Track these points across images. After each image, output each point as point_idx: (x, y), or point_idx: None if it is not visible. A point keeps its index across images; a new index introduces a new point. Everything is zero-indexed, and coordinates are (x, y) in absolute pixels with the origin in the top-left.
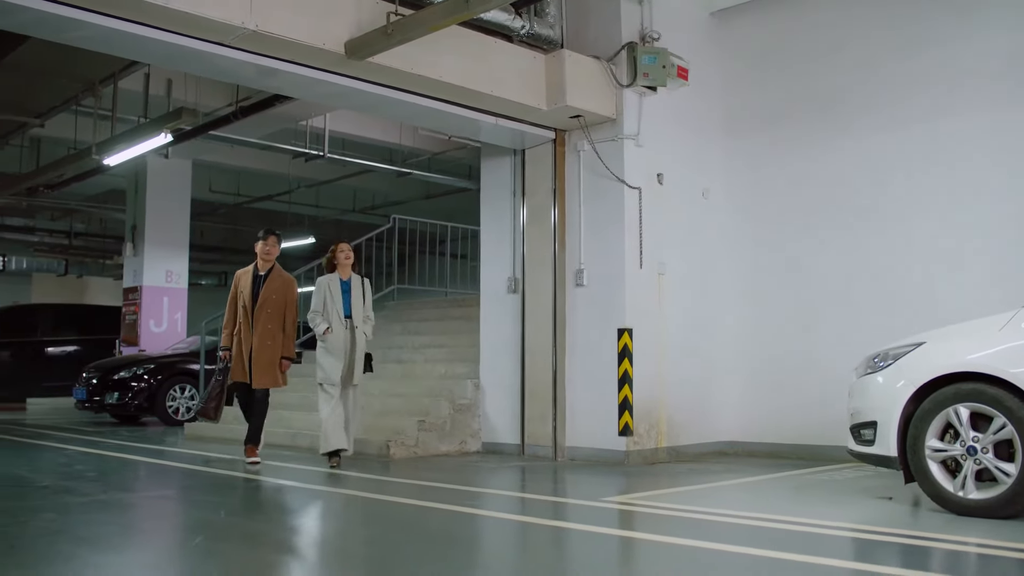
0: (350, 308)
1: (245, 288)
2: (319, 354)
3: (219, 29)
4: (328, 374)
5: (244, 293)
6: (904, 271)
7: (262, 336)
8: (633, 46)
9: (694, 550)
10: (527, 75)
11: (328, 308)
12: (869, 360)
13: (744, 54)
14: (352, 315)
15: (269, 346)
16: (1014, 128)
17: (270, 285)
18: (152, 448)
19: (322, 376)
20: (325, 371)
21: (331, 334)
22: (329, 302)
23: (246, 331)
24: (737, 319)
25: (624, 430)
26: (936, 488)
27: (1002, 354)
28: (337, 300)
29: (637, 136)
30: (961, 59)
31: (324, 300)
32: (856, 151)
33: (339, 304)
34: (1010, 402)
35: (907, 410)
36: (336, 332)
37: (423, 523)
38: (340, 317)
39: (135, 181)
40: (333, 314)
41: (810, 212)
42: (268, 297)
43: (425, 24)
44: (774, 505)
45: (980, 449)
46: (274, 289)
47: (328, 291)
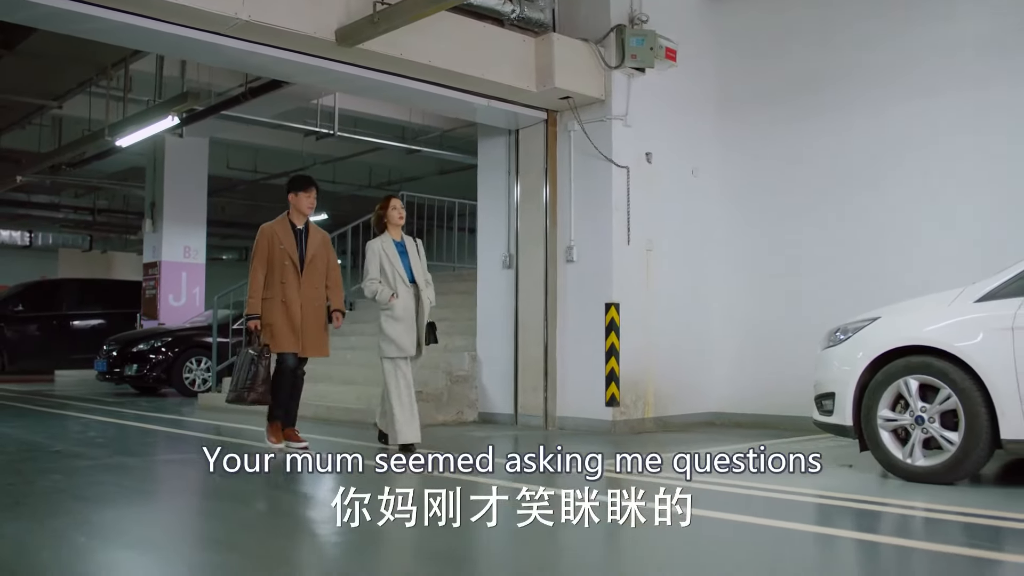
0: (411, 271)
1: (288, 243)
2: (385, 324)
3: (215, 20)
4: (402, 345)
5: (287, 250)
6: (889, 247)
7: (311, 299)
8: (622, 28)
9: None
10: (517, 58)
11: (388, 273)
12: (831, 334)
13: (735, 35)
14: (416, 278)
15: (318, 309)
16: (994, 108)
17: (313, 240)
18: (165, 417)
19: (394, 350)
20: (397, 343)
21: (397, 300)
22: (387, 266)
23: (292, 293)
24: (725, 294)
25: (611, 401)
26: (887, 456)
27: (949, 328)
28: (397, 263)
29: (625, 116)
30: (945, 41)
31: (381, 264)
32: (845, 131)
33: (400, 267)
34: (955, 374)
35: (862, 382)
36: (403, 297)
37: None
38: (405, 281)
39: (153, 159)
40: (395, 279)
41: (799, 191)
42: (316, 254)
43: (408, 13)
44: (742, 472)
45: (927, 419)
46: (317, 245)
47: (384, 254)
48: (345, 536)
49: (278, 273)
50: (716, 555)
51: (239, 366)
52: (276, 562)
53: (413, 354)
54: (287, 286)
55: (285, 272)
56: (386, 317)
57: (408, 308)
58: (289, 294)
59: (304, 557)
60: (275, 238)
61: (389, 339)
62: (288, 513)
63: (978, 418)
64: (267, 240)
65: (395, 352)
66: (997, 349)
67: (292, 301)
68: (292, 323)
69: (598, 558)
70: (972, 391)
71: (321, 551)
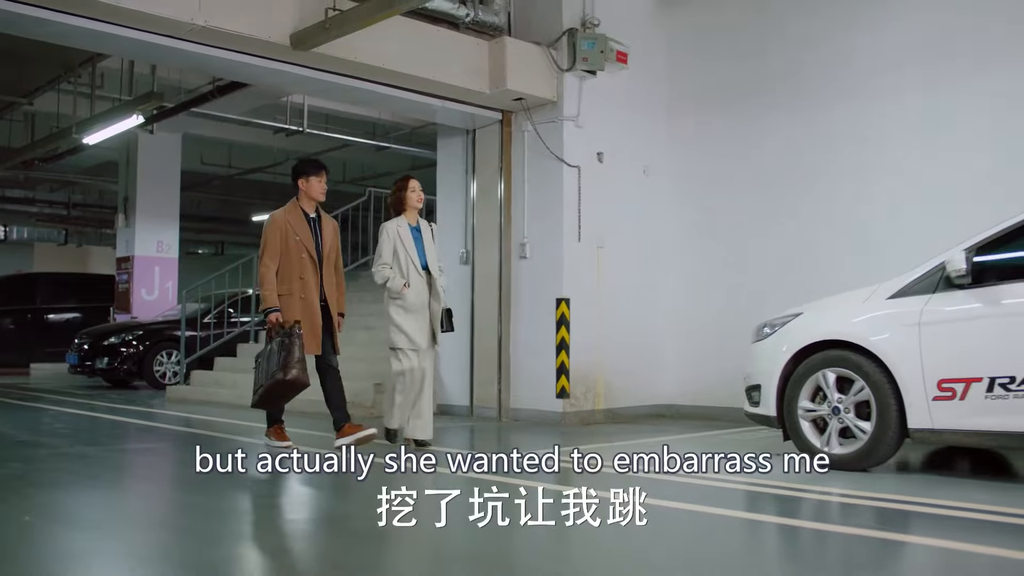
0: (426, 258)
1: (303, 234)
2: (395, 315)
3: (171, 24)
4: (413, 338)
5: (303, 242)
6: (831, 244)
7: (333, 294)
8: (574, 32)
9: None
10: (471, 60)
11: (401, 259)
12: (758, 329)
13: (687, 37)
14: (429, 266)
15: (338, 303)
16: (936, 108)
17: (327, 230)
18: (133, 409)
19: (403, 341)
20: (407, 335)
21: (409, 290)
22: (401, 251)
23: (312, 289)
24: (675, 289)
25: (561, 393)
26: (807, 444)
27: (863, 324)
28: (411, 248)
29: (577, 117)
30: (887, 45)
31: (395, 249)
32: (791, 130)
33: (414, 253)
34: (868, 367)
35: (785, 374)
36: (415, 287)
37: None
38: (417, 268)
39: (127, 155)
40: (408, 266)
41: (746, 188)
42: (332, 244)
43: (358, 20)
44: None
45: (843, 409)
46: (331, 234)
47: (399, 238)
48: (297, 526)
49: (296, 268)
50: (649, 541)
51: (263, 360)
52: (216, 540)
53: (424, 347)
54: (307, 283)
55: (304, 267)
56: (396, 307)
57: (421, 297)
58: (309, 291)
59: (247, 536)
60: (289, 229)
61: (399, 330)
62: (238, 498)
63: (888, 408)
64: (280, 231)
65: (404, 344)
66: (905, 343)
67: (312, 299)
68: (313, 325)
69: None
70: (883, 383)
71: (271, 533)
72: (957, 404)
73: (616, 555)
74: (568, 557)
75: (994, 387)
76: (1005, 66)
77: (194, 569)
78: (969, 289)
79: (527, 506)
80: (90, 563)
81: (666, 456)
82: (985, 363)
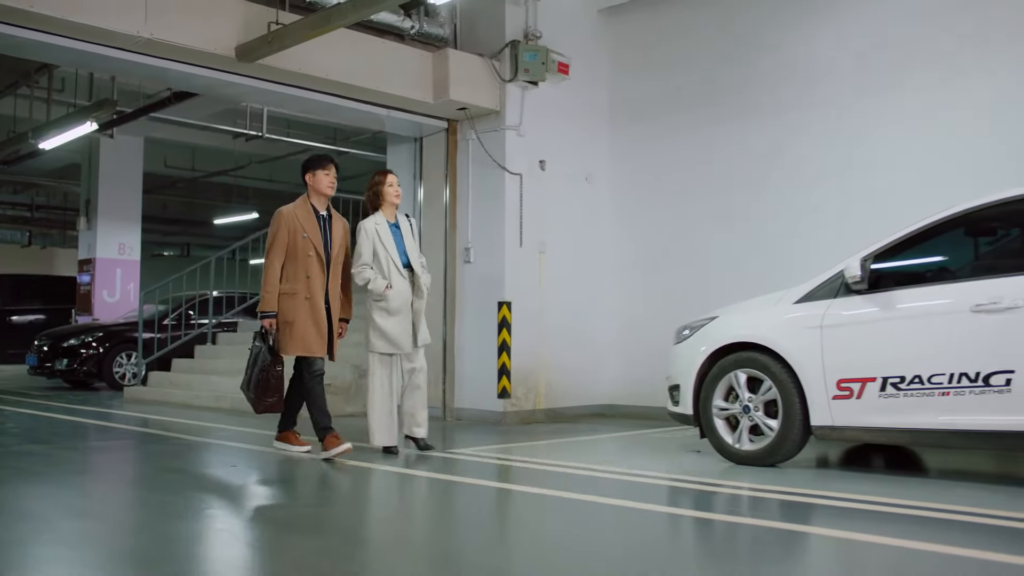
0: (407, 256)
1: (312, 232)
2: (377, 317)
3: (119, 37)
4: (396, 341)
5: (311, 239)
6: (765, 249)
7: (337, 297)
8: (516, 44)
9: (515, 493)
10: (415, 72)
11: (381, 258)
12: (679, 331)
13: (629, 48)
14: (411, 264)
15: (343, 309)
16: (873, 118)
17: (337, 230)
18: (89, 409)
19: (385, 345)
20: (390, 338)
21: (392, 291)
22: (380, 250)
23: (318, 289)
24: (615, 293)
25: (502, 393)
26: (720, 441)
27: (771, 327)
28: (391, 246)
29: (519, 126)
30: (818, 57)
31: (374, 248)
32: (729, 138)
33: (395, 252)
34: (775, 368)
35: (701, 374)
36: (397, 288)
37: (307, 471)
38: (399, 268)
39: (89, 158)
40: (389, 266)
41: (687, 195)
42: (342, 245)
43: (299, 34)
44: (605, 458)
45: (753, 408)
46: (341, 234)
47: (378, 236)
48: (221, 515)
49: (302, 266)
50: (574, 531)
51: (250, 361)
52: (134, 531)
53: (408, 350)
54: (313, 281)
55: (310, 265)
56: (378, 309)
57: (404, 299)
58: (315, 290)
59: (172, 525)
60: (297, 225)
61: (381, 333)
62: (159, 490)
63: (793, 407)
64: (287, 227)
65: (386, 348)
66: (808, 345)
67: (318, 299)
68: (319, 323)
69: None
70: (788, 383)
71: (184, 523)
72: (854, 402)
73: (531, 543)
74: (491, 547)
75: (887, 386)
76: (923, 82)
77: (115, 552)
78: (865, 294)
79: (451, 497)
80: (23, 550)
81: (591, 453)
82: (879, 364)
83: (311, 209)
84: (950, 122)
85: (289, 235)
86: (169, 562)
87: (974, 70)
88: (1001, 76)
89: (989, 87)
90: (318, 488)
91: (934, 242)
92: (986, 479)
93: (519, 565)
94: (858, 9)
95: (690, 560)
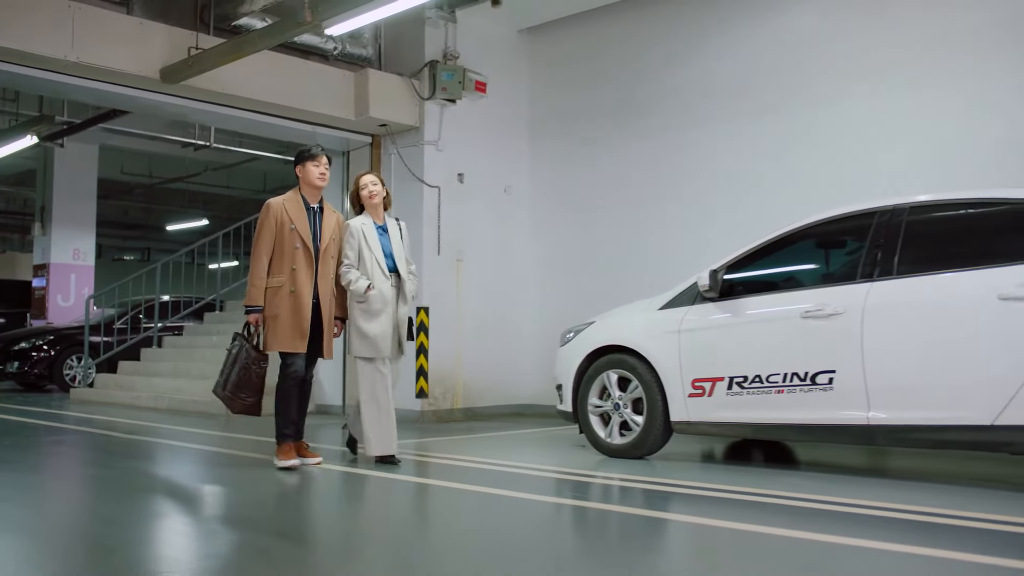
0: (393, 259)
1: (300, 224)
2: (359, 319)
3: (48, 60)
4: (377, 345)
5: (299, 231)
6: (673, 254)
7: (327, 293)
8: (435, 64)
9: (412, 483)
10: (338, 90)
11: (366, 260)
12: (564, 335)
13: (548, 66)
14: (398, 267)
15: (333, 303)
16: (767, 135)
17: (328, 222)
18: (31, 410)
19: (367, 349)
20: (372, 342)
21: (375, 292)
22: (366, 252)
23: (304, 282)
24: (534, 297)
25: (420, 393)
26: (595, 436)
27: (638, 331)
28: (375, 248)
29: (438, 141)
30: (715, 76)
31: (359, 249)
32: (642, 151)
33: (380, 254)
34: (641, 368)
35: (579, 375)
36: (380, 290)
37: (232, 468)
38: (383, 270)
39: (43, 165)
40: (373, 267)
41: (603, 204)
42: (332, 238)
43: (217, 59)
44: (499, 453)
45: (622, 405)
46: (332, 228)
47: (363, 237)
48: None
49: (288, 258)
50: (449, 517)
51: (227, 360)
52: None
53: (387, 354)
54: (298, 274)
55: (296, 257)
56: (360, 311)
57: (386, 302)
58: (301, 284)
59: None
60: (284, 217)
61: (363, 336)
62: (76, 479)
63: (656, 404)
64: (274, 219)
65: (369, 352)
66: (668, 348)
67: (303, 293)
68: (300, 319)
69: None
70: (652, 382)
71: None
72: (706, 400)
73: (422, 528)
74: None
75: (733, 385)
76: (827, 96)
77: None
78: (717, 302)
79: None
80: None
81: (489, 448)
82: (726, 365)
83: (301, 201)
84: (852, 135)
85: (276, 227)
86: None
87: (876, 85)
88: (898, 92)
89: (889, 101)
90: (222, 481)
91: (779, 254)
92: (841, 471)
93: (393, 546)
94: (766, 27)
95: (553, 544)
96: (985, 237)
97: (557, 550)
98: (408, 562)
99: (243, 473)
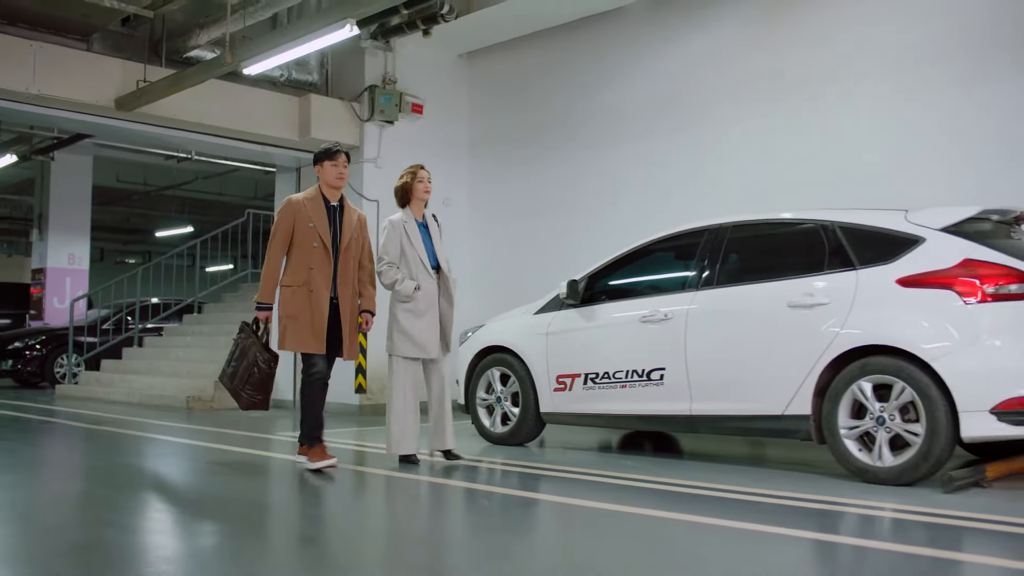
0: (435, 256)
1: (319, 221)
2: (403, 319)
3: (11, 93)
4: (422, 344)
5: (317, 229)
6: (594, 263)
7: (347, 292)
8: (374, 88)
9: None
10: (283, 114)
11: (408, 258)
12: (462, 335)
13: (487, 88)
14: (440, 264)
15: (355, 303)
16: (655, 159)
17: (349, 220)
18: (17, 404)
19: (410, 349)
20: (415, 341)
21: (421, 292)
22: (409, 249)
23: (322, 282)
24: (472, 301)
25: (359, 389)
26: (481, 426)
27: (516, 332)
28: (419, 246)
29: (377, 159)
30: (628, 100)
31: (401, 246)
32: (574, 165)
33: (423, 251)
34: (517, 366)
35: (470, 371)
36: (426, 289)
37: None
38: (427, 268)
39: (41, 174)
40: (417, 265)
41: (537, 215)
42: (353, 236)
43: (163, 90)
44: None
45: (503, 398)
46: (354, 226)
47: (405, 234)
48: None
49: (305, 257)
50: (345, 498)
51: (235, 354)
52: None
53: (434, 355)
54: (316, 273)
55: (314, 256)
56: (404, 311)
57: (430, 300)
58: (318, 283)
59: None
60: (303, 214)
61: (406, 336)
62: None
63: (529, 397)
64: (292, 216)
65: (411, 351)
66: (538, 348)
67: (321, 293)
68: (317, 320)
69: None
70: (526, 378)
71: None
72: (567, 394)
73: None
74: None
75: (587, 381)
76: (753, 110)
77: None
78: (578, 308)
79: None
80: None
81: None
82: (582, 363)
83: (321, 198)
84: (785, 149)
85: (294, 224)
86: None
87: (800, 104)
88: (805, 111)
89: (785, 120)
90: (154, 468)
91: (630, 266)
92: (704, 459)
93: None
94: (679, 53)
95: (433, 517)
96: (780, 253)
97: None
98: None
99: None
